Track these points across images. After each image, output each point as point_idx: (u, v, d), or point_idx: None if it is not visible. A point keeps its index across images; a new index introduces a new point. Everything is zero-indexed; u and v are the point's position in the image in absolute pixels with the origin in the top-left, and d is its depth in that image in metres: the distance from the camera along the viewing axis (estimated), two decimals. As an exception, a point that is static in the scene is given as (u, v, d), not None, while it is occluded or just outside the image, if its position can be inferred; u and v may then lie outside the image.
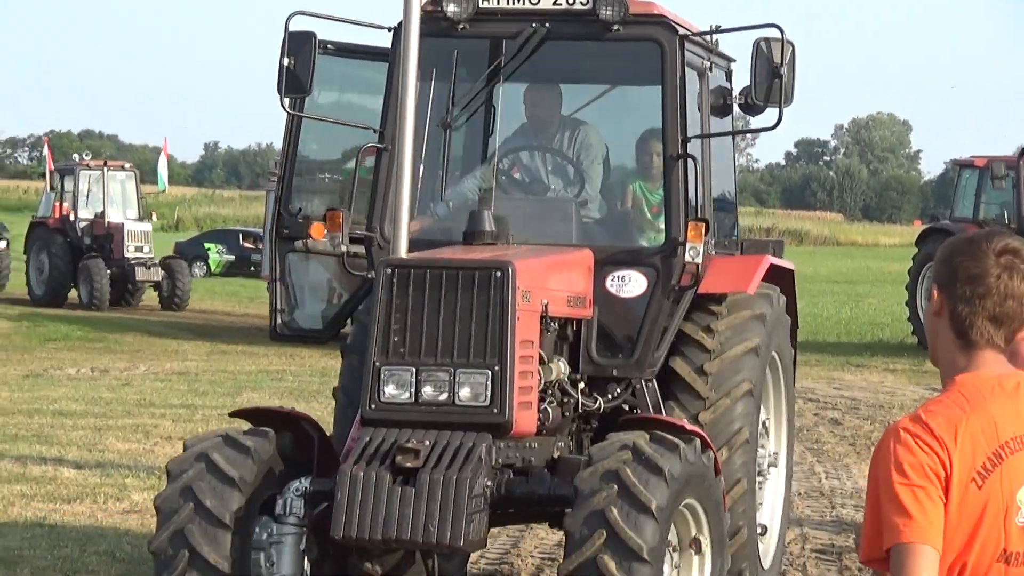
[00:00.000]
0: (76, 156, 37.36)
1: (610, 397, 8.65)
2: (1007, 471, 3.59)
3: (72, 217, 34.32)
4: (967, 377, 3.67)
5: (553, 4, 8.71)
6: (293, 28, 8.52)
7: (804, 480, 14.29)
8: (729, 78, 9.64)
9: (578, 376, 8.52)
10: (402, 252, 7.90)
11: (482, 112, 9.35)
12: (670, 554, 7.60)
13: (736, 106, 9.24)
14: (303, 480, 7.72)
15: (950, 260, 3.70)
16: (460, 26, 8.78)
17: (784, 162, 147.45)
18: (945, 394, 3.67)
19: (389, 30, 8.79)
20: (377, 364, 7.63)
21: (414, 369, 7.60)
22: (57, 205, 34.71)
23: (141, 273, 33.64)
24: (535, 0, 8.72)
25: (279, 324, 9.23)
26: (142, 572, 10.00)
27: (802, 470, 14.80)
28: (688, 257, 8.44)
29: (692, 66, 8.92)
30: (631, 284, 8.66)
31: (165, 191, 44.55)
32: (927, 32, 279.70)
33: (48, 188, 36.32)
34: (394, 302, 7.67)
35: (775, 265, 9.46)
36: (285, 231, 9.15)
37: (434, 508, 7.26)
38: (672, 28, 8.71)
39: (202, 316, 32.72)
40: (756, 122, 9.48)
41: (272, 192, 20.81)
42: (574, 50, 9.18)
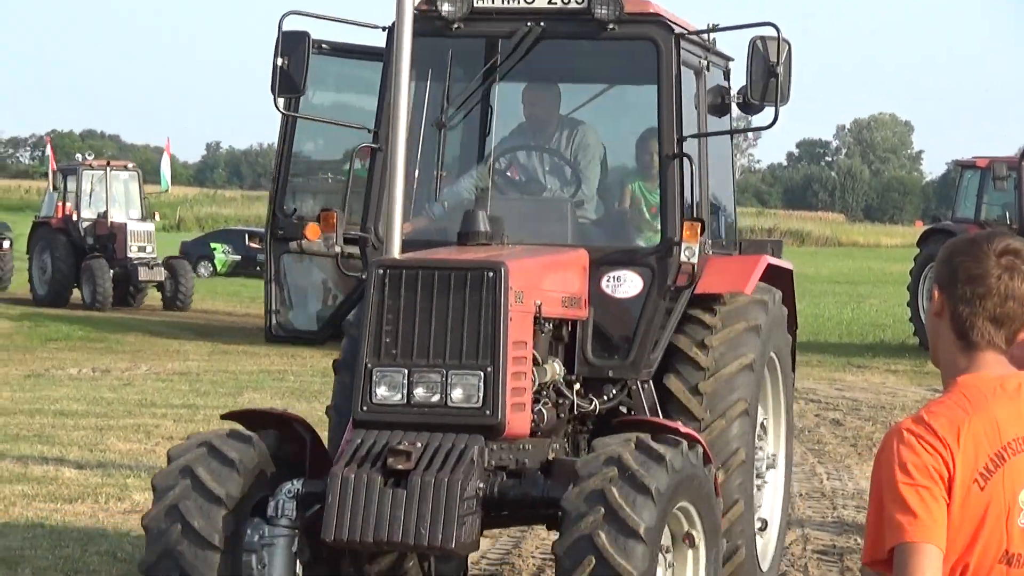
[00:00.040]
0: (79, 156, 37.20)
1: (606, 398, 8.58)
2: (1009, 472, 3.59)
3: (75, 217, 34.21)
4: (969, 378, 3.66)
5: (548, 3, 8.65)
6: (287, 28, 8.46)
7: (805, 481, 14.27)
8: (727, 77, 9.57)
9: (573, 377, 8.45)
10: (395, 252, 7.82)
11: (478, 112, 9.28)
12: (663, 555, 7.52)
13: (735, 105, 9.16)
14: (295, 482, 7.66)
15: (951, 261, 3.70)
16: (455, 25, 8.73)
17: (786, 162, 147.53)
18: (947, 395, 3.66)
19: (383, 29, 8.73)
20: (369, 366, 7.56)
21: (406, 370, 7.53)
22: (60, 205, 34.59)
23: (144, 273, 33.51)
24: None
25: (274, 325, 9.19)
26: (143, 573, 9.98)
27: (803, 471, 14.78)
28: (684, 257, 8.37)
29: (688, 65, 8.85)
30: (627, 284, 8.59)
31: (168, 191, 44.41)
32: (929, 32, 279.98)
33: (51, 188, 36.19)
34: (386, 303, 7.60)
35: (773, 265, 9.39)
36: (280, 232, 9.10)
37: (425, 510, 7.18)
38: (668, 27, 8.65)
39: (203, 316, 32.66)
40: (754, 121, 9.45)
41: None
42: (570, 49, 9.10)
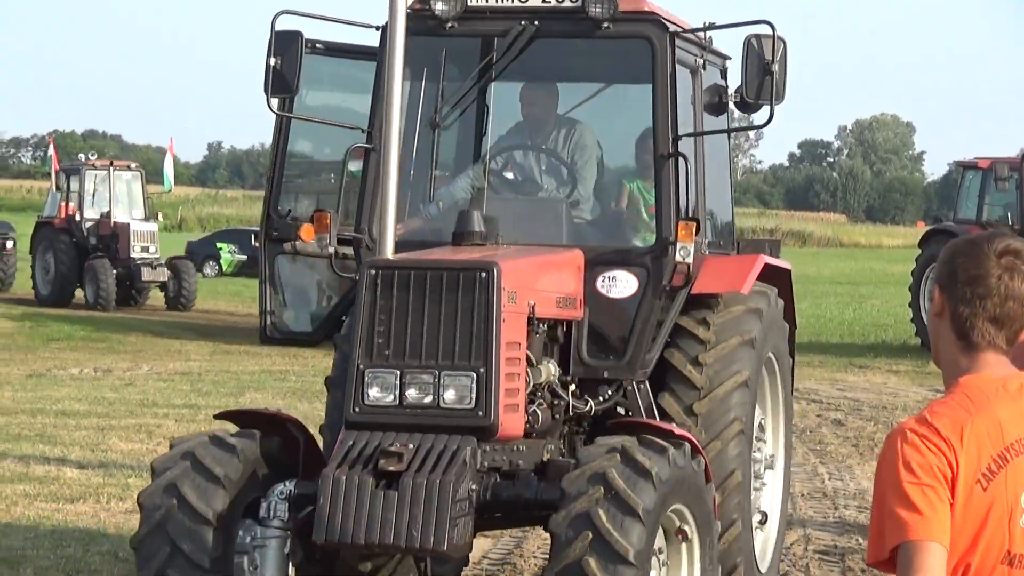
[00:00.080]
0: (82, 156, 37.10)
1: (601, 399, 8.51)
2: (1012, 473, 3.58)
3: (78, 217, 34.15)
4: (971, 379, 3.65)
5: (542, 2, 8.59)
6: (280, 27, 8.40)
7: (807, 481, 14.26)
8: (724, 76, 9.49)
9: (568, 378, 8.38)
10: (388, 253, 7.74)
11: (473, 111, 9.21)
12: (657, 557, 7.45)
13: (732, 104, 9.08)
14: (287, 483, 7.60)
15: (951, 261, 3.70)
16: (448, 24, 8.66)
17: (787, 163, 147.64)
18: (949, 396, 3.64)
19: (377, 29, 8.66)
20: (361, 367, 7.49)
21: (398, 371, 7.47)
22: (63, 205, 34.53)
23: (147, 273, 33.45)
24: None
25: (268, 326, 9.14)
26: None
27: (805, 471, 14.78)
28: (679, 257, 8.30)
29: (684, 64, 8.78)
30: (622, 284, 8.52)
31: (171, 191, 44.38)
32: (930, 32, 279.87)
33: (54, 188, 36.12)
34: (378, 303, 7.53)
35: (771, 265, 9.32)
36: (275, 233, 9.05)
37: (417, 512, 7.11)
38: (662, 25, 8.57)
39: (205, 316, 32.63)
40: (744, 118, 9.38)
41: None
42: (565, 48, 9.03)
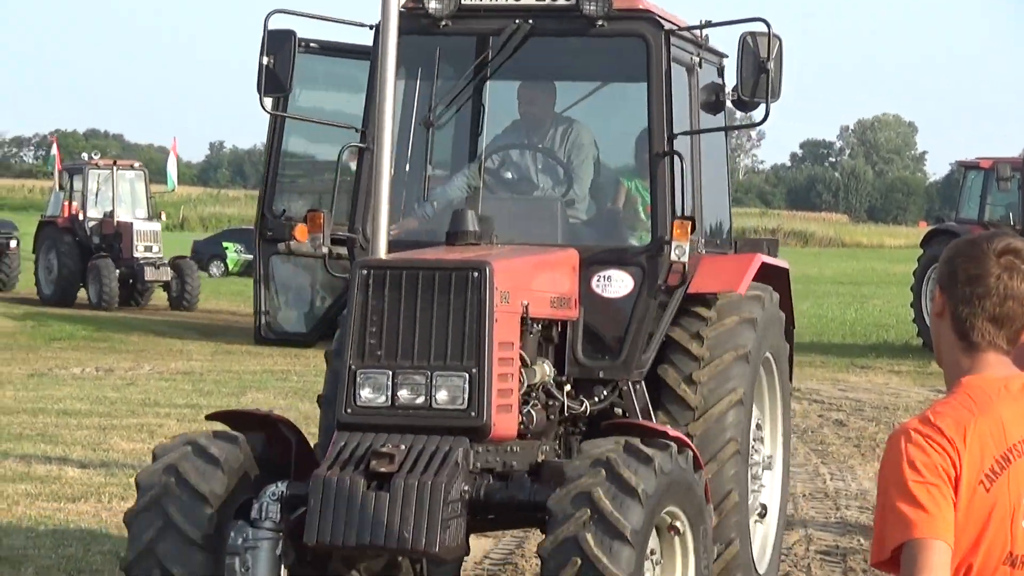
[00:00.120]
0: (85, 155, 37.07)
1: (596, 399, 8.43)
2: (1015, 474, 3.56)
3: (81, 216, 34.15)
4: (973, 379, 3.63)
5: (536, 0, 8.52)
6: (272, 26, 8.31)
7: (808, 481, 14.26)
8: (721, 74, 9.41)
9: (564, 378, 8.30)
10: (381, 253, 7.67)
11: (468, 110, 9.12)
12: (650, 559, 7.38)
13: (730, 103, 8.98)
14: (279, 484, 7.54)
15: (951, 261, 3.69)
16: (442, 23, 8.59)
17: (789, 163, 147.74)
18: (952, 396, 3.62)
19: (370, 28, 8.55)
20: (353, 367, 7.42)
21: (390, 372, 7.39)
22: (66, 204, 34.54)
23: (150, 273, 33.43)
24: None
25: (263, 327, 9.08)
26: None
27: (806, 471, 14.78)
28: (674, 256, 8.22)
29: (680, 62, 8.70)
30: (617, 284, 8.44)
31: (174, 190, 44.39)
32: (932, 33, 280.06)
33: (57, 187, 36.18)
34: (370, 304, 7.46)
35: (768, 264, 9.24)
36: (269, 233, 9.00)
37: (409, 514, 7.04)
38: (657, 23, 8.49)
39: (207, 316, 32.60)
40: (746, 118, 9.31)
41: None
42: (560, 47, 8.96)
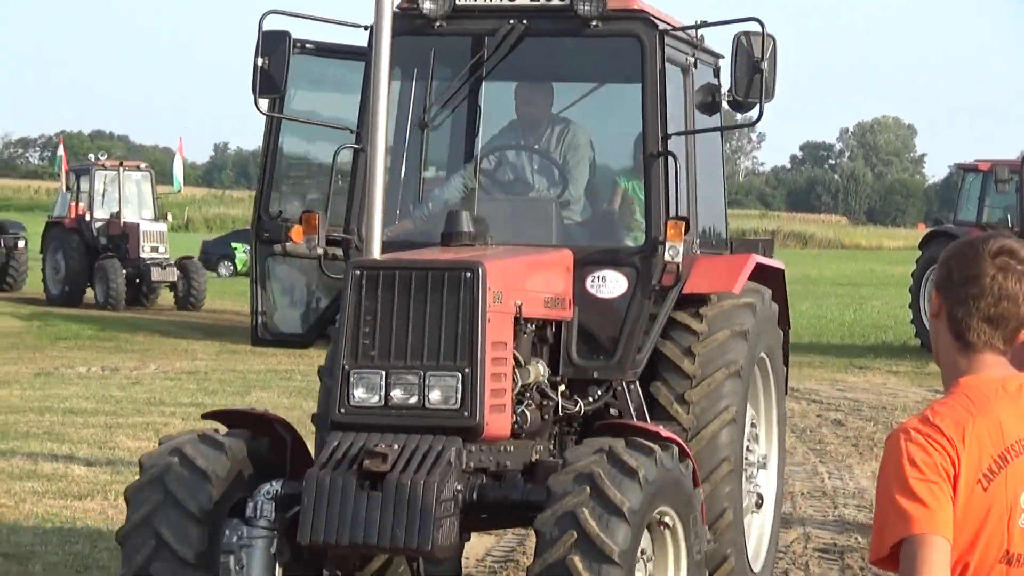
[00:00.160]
0: (92, 156, 37.01)
1: (591, 399, 8.36)
2: (1012, 474, 3.57)
3: (88, 217, 34.08)
4: (971, 379, 3.64)
5: (531, 0, 8.45)
6: (267, 27, 8.26)
7: (807, 480, 14.26)
8: (717, 75, 9.34)
9: (558, 378, 8.23)
10: (375, 253, 7.62)
11: (463, 111, 9.05)
12: (643, 562, 7.32)
13: (726, 104, 8.89)
14: (274, 483, 7.50)
15: (948, 263, 3.70)
16: (437, 24, 8.52)
17: (789, 165, 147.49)
18: (950, 396, 3.62)
19: (365, 28, 8.48)
20: (346, 367, 7.37)
21: (383, 372, 7.33)
22: (73, 205, 34.47)
23: (157, 273, 33.35)
24: None
25: (259, 328, 9.02)
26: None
27: (805, 470, 14.79)
28: (668, 256, 8.14)
29: (674, 62, 8.64)
30: (612, 284, 8.37)
31: (180, 191, 44.35)
32: (931, 35, 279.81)
33: (64, 188, 36.14)
34: (363, 304, 7.40)
35: (764, 265, 9.19)
36: (265, 234, 8.97)
37: (401, 513, 6.99)
38: (651, 23, 8.42)
39: (212, 316, 32.53)
40: (744, 119, 9.26)
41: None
42: (555, 47, 8.89)
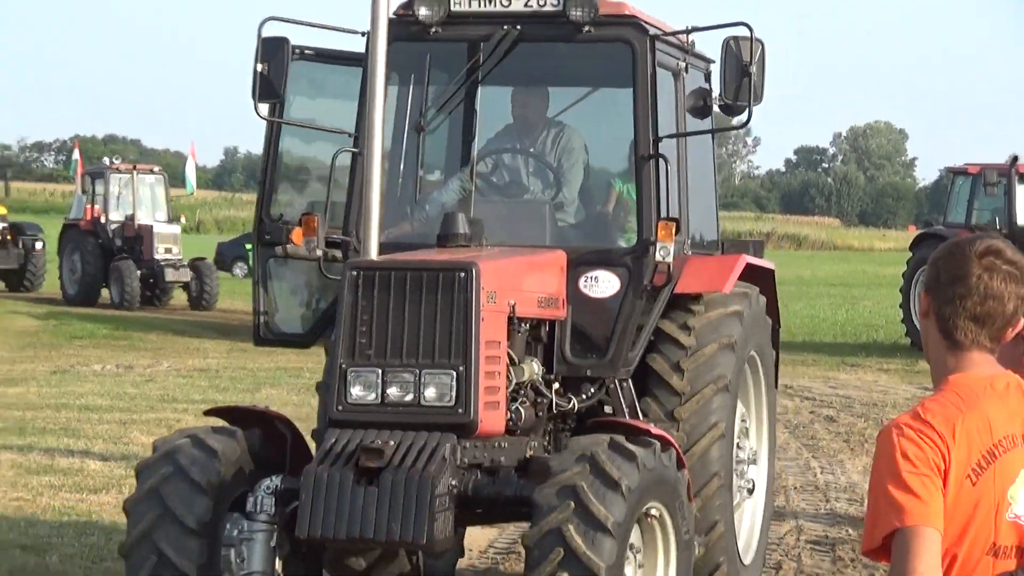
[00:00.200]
0: (106, 160, 37.00)
1: (584, 397, 8.33)
2: (1000, 469, 3.59)
3: (103, 219, 34.04)
4: (960, 377, 3.65)
5: (524, 6, 8.40)
6: (267, 34, 8.22)
7: (800, 475, 14.24)
8: (708, 79, 9.28)
9: (552, 376, 8.20)
10: (373, 254, 7.58)
11: (460, 115, 9.00)
12: (632, 554, 7.28)
13: (717, 108, 8.75)
14: (274, 478, 7.48)
15: (936, 263, 3.71)
16: (432, 30, 8.48)
17: (784, 169, 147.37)
18: (940, 394, 3.62)
19: (362, 35, 8.36)
20: (344, 366, 7.34)
21: (380, 370, 7.30)
22: (88, 208, 34.44)
23: (170, 274, 33.32)
24: (506, 3, 8.41)
25: (261, 328, 9.00)
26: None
27: (798, 465, 14.78)
28: (659, 256, 8.11)
29: (665, 67, 8.59)
30: (604, 284, 8.33)
31: (193, 194, 44.39)
32: (924, 42, 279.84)
33: (80, 191, 36.13)
34: (360, 304, 7.38)
35: (755, 265, 9.15)
36: (266, 236, 8.93)
37: (397, 507, 6.95)
38: (643, 28, 8.36)
39: (223, 316, 32.47)
40: (735, 122, 9.23)
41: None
42: (549, 52, 8.85)
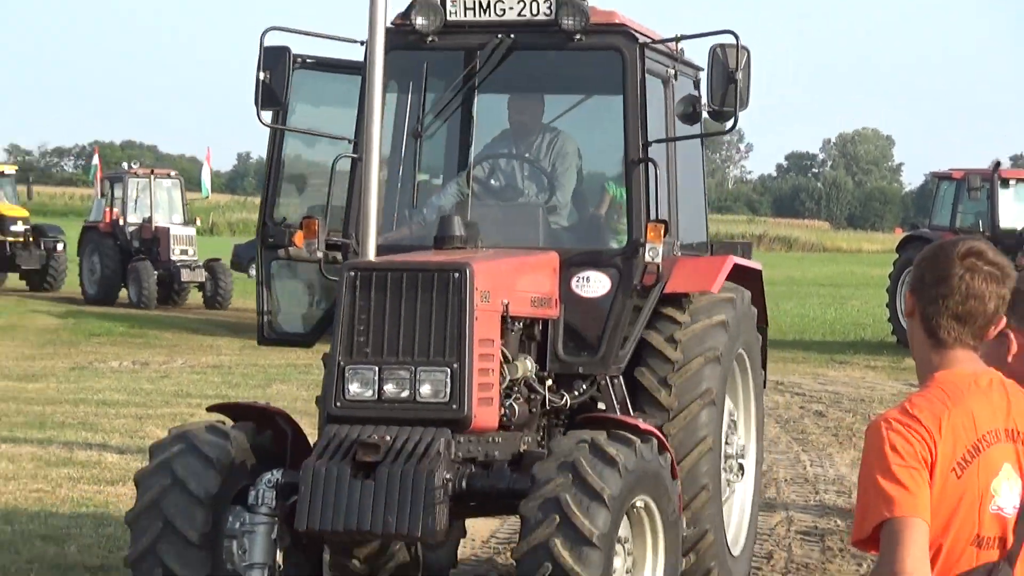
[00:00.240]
0: (125, 165, 37.07)
1: (576, 393, 8.30)
2: (983, 463, 3.60)
3: (121, 222, 34.08)
4: (945, 374, 3.66)
5: (518, 15, 8.38)
6: (268, 43, 8.19)
7: (790, 467, 14.24)
8: (697, 87, 9.24)
9: (545, 373, 8.16)
10: (371, 256, 7.56)
11: (457, 121, 8.96)
12: (622, 545, 7.24)
13: (706, 114, 8.70)
14: (275, 472, 7.44)
15: (920, 265, 3.73)
16: (429, 39, 8.45)
17: (775, 174, 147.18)
18: (926, 390, 3.62)
19: (361, 44, 8.28)
20: (342, 363, 7.34)
21: (377, 368, 7.29)
22: (107, 211, 34.47)
23: (186, 274, 33.33)
24: (501, 12, 8.39)
25: (265, 327, 9.00)
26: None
27: (788, 458, 14.77)
28: (648, 257, 8.09)
29: (655, 74, 8.56)
30: (595, 284, 8.31)
31: (208, 198, 44.32)
32: (911, 52, 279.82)
33: (99, 195, 36.22)
34: (357, 303, 7.37)
35: (742, 266, 9.12)
36: (270, 239, 8.91)
37: (392, 500, 6.93)
38: (632, 37, 8.34)
39: (236, 315, 32.45)
40: (715, 127, 9.21)
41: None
42: (542, 60, 8.83)
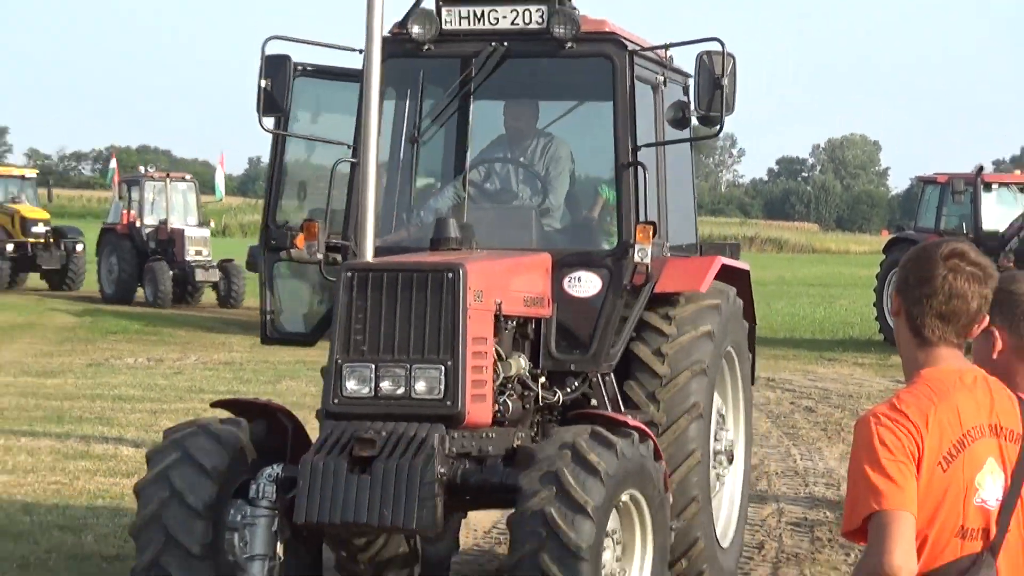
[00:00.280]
0: (142, 168, 37.17)
1: (569, 390, 8.28)
2: (968, 457, 3.60)
3: (138, 224, 34.14)
4: (931, 371, 3.66)
5: (511, 24, 8.37)
6: (270, 52, 8.18)
7: (780, 461, 14.23)
8: (686, 93, 9.18)
9: (538, 371, 8.15)
10: (368, 257, 7.54)
11: (453, 126, 8.93)
12: (611, 537, 7.20)
13: (695, 119, 8.69)
14: (275, 467, 7.42)
15: (905, 266, 3.73)
16: (425, 47, 8.44)
17: (767, 178, 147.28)
18: (913, 386, 3.60)
19: (360, 52, 8.23)
20: (339, 361, 7.30)
21: (373, 365, 7.26)
22: (125, 213, 34.53)
23: (201, 275, 33.36)
24: (494, 21, 8.38)
25: (268, 327, 8.98)
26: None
27: (779, 452, 14.76)
28: (637, 258, 8.07)
29: (644, 80, 8.54)
30: (587, 284, 8.29)
31: (222, 200, 44.34)
32: (898, 59, 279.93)
33: (116, 198, 36.29)
34: (354, 303, 7.34)
35: (730, 267, 9.08)
36: (272, 242, 8.89)
37: (388, 494, 6.92)
38: (622, 44, 8.32)
39: (247, 313, 32.41)
40: (704, 132, 9.15)
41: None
42: (536, 67, 8.82)
